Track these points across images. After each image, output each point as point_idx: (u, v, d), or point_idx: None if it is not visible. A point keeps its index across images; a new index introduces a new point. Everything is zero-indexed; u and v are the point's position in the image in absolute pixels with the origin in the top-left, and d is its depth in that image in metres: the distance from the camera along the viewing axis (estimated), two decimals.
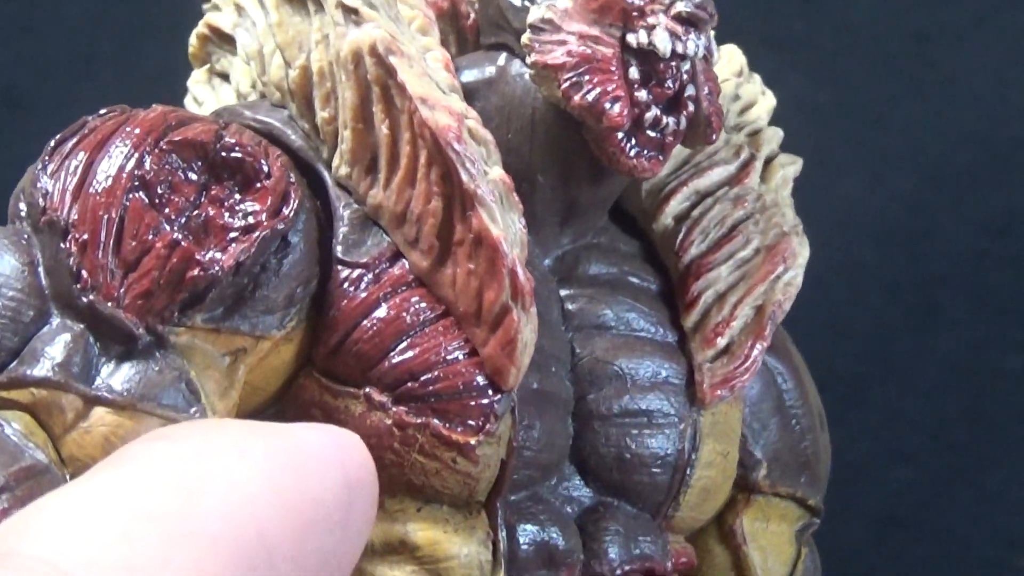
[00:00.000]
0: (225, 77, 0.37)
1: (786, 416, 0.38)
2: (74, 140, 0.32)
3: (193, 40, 0.37)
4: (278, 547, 0.27)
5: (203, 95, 0.37)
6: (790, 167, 0.38)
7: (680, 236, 0.36)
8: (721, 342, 0.35)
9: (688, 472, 0.35)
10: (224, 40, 0.36)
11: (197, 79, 0.38)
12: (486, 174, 0.32)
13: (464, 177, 0.31)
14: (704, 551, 0.37)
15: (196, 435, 0.28)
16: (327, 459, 0.28)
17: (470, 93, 0.34)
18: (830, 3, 0.67)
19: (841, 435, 0.65)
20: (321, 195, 0.33)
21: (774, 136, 0.38)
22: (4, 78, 0.67)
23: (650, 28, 0.33)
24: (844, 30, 0.68)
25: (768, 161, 0.38)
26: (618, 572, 0.34)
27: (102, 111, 0.33)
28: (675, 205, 0.36)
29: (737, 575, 0.37)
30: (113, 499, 0.25)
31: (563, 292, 0.35)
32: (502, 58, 0.34)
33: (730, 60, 0.39)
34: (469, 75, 0.34)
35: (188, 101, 0.38)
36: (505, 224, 0.31)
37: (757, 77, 0.39)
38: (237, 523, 0.26)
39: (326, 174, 0.33)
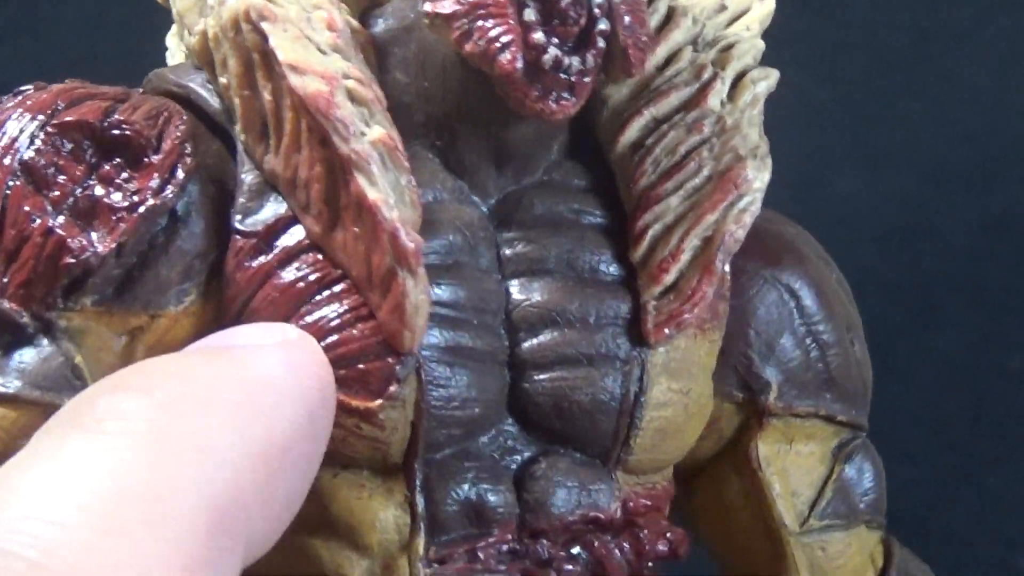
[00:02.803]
0: None
1: (798, 334, 0.36)
2: None
3: None
4: (252, 503, 0.27)
5: (174, 48, 0.37)
6: (761, 82, 0.35)
7: (632, 166, 0.34)
8: (668, 278, 0.33)
9: (637, 415, 0.33)
10: None
11: (172, 32, 0.37)
12: (363, 136, 0.31)
13: (337, 141, 0.30)
14: (720, 479, 0.36)
15: (165, 386, 0.27)
16: (289, 391, 0.28)
17: (392, 40, 0.33)
18: (830, 2, 0.67)
19: None
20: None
21: (750, 50, 0.35)
22: (4, 78, 0.67)
23: None
24: (844, 29, 0.67)
25: (741, 77, 0.35)
26: (557, 524, 0.32)
27: (20, 88, 0.32)
28: (631, 133, 0.34)
29: (754, 500, 0.36)
30: (89, 476, 0.25)
31: (504, 235, 0.33)
32: (420, 2, 0.32)
33: None
34: (392, 21, 0.33)
35: (168, 54, 0.38)
36: (386, 186, 0.30)
37: None
38: (214, 491, 0.26)
39: (239, 139, 0.32)
